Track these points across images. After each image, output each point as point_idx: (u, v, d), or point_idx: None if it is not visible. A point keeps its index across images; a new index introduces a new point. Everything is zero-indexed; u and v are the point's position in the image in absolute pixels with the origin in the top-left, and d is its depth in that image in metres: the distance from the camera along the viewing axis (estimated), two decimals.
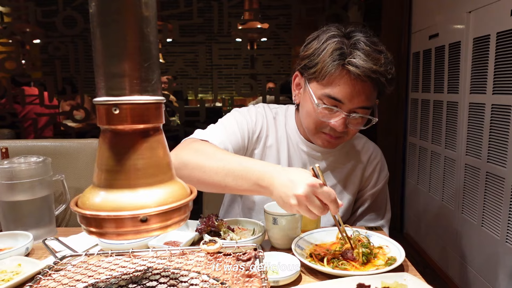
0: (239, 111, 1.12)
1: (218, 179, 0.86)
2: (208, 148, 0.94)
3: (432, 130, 2.43)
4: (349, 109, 0.95)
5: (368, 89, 0.94)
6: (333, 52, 0.93)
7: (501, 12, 1.68)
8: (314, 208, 0.77)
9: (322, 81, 0.95)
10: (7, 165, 0.97)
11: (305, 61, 0.99)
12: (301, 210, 0.77)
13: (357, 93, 0.93)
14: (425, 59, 2.53)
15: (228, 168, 0.85)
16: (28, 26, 2.92)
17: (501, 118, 1.68)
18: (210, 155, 0.90)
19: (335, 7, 2.88)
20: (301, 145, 1.11)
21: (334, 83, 0.94)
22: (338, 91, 0.94)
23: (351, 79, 0.92)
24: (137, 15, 0.48)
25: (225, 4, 2.83)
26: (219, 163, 0.87)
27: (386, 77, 0.93)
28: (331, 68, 0.92)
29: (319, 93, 0.96)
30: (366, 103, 0.96)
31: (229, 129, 1.05)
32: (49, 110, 2.99)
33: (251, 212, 1.15)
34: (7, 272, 0.77)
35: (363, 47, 0.92)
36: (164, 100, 0.52)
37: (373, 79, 0.92)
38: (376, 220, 1.16)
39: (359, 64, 0.90)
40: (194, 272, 0.67)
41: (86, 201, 0.50)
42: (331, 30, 0.97)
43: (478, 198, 1.87)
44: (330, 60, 0.93)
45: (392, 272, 0.76)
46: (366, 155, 1.15)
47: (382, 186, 1.16)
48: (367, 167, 1.15)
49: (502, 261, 1.69)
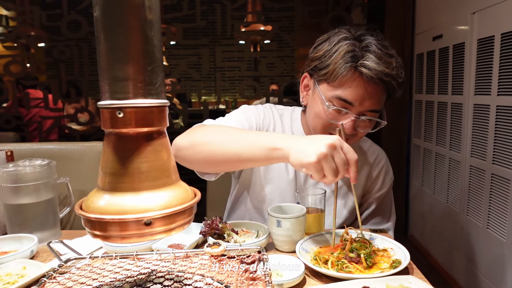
0: (247, 107, 1.13)
1: (231, 150, 0.85)
2: (220, 127, 0.96)
3: (436, 131, 2.42)
4: (359, 111, 0.95)
5: (379, 92, 0.94)
6: (345, 54, 0.93)
7: (505, 13, 1.68)
8: (329, 171, 0.74)
9: (333, 83, 0.95)
10: (12, 168, 0.98)
11: (315, 63, 0.98)
12: (316, 173, 0.74)
13: (368, 95, 0.93)
14: (429, 61, 2.52)
15: (242, 138, 0.85)
16: (33, 30, 2.94)
17: (506, 119, 1.67)
18: (223, 129, 0.92)
19: (338, 9, 2.88)
20: None
21: (346, 85, 0.94)
22: (350, 93, 0.93)
23: (363, 82, 0.92)
24: (141, 19, 0.48)
25: (228, 7, 2.83)
26: (232, 135, 0.87)
27: (397, 81, 0.93)
28: (343, 70, 0.92)
29: (329, 94, 0.96)
30: (376, 106, 0.96)
31: (239, 120, 1.07)
32: (54, 113, 3.01)
33: (258, 212, 1.14)
34: (12, 275, 0.77)
35: (375, 50, 0.92)
36: (168, 104, 0.52)
37: (385, 82, 0.92)
38: (382, 223, 1.16)
39: (372, 66, 0.90)
40: (198, 275, 0.67)
41: (90, 204, 0.50)
42: (343, 32, 0.97)
43: (483, 200, 1.86)
44: (343, 62, 0.92)
45: (397, 275, 0.76)
46: (372, 157, 1.16)
47: (388, 189, 1.16)
48: (373, 169, 1.15)
49: (508, 263, 1.67)
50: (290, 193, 1.11)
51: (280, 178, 1.10)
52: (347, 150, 0.76)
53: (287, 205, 0.98)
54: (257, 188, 1.13)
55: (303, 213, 0.92)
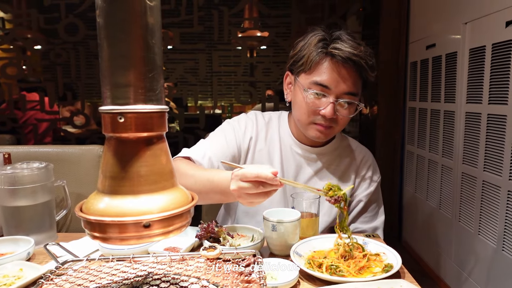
0: (228, 122, 1.18)
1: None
2: (183, 167, 1.00)
3: (429, 138, 2.45)
4: (336, 94, 1.01)
5: (353, 75, 1.01)
6: (317, 43, 1.02)
7: (496, 24, 1.71)
8: (252, 197, 0.82)
9: (309, 71, 1.03)
10: (10, 171, 0.99)
11: (293, 58, 1.07)
12: (244, 202, 0.84)
13: (342, 78, 1.00)
14: (422, 69, 2.56)
15: (198, 183, 0.93)
16: (30, 32, 2.94)
17: (497, 127, 1.70)
18: (184, 174, 0.97)
19: (334, 16, 2.92)
20: (295, 147, 1.15)
21: (321, 70, 1.01)
22: (325, 77, 1.01)
23: (336, 65, 1.00)
24: (143, 27, 0.49)
25: (226, 13, 2.86)
26: (190, 179, 0.94)
27: (367, 62, 1.00)
28: (317, 56, 1.01)
29: (307, 82, 1.03)
30: (352, 89, 1.02)
31: (216, 143, 1.12)
32: (50, 116, 3.00)
33: (247, 217, 1.16)
34: (9, 277, 0.78)
35: (344, 38, 1.01)
36: (167, 109, 0.53)
37: (355, 63, 0.99)
38: (371, 222, 1.17)
39: (341, 48, 0.99)
40: (194, 278, 0.68)
41: (90, 207, 0.51)
42: (315, 29, 1.07)
43: (474, 206, 1.89)
44: (315, 49, 1.02)
45: (389, 279, 0.77)
46: (359, 156, 1.19)
47: (375, 188, 1.19)
48: (360, 168, 1.18)
49: (499, 269, 1.70)
50: (278, 197, 1.13)
51: None
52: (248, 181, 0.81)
53: (282, 210, 0.99)
54: None
55: (298, 218, 0.94)
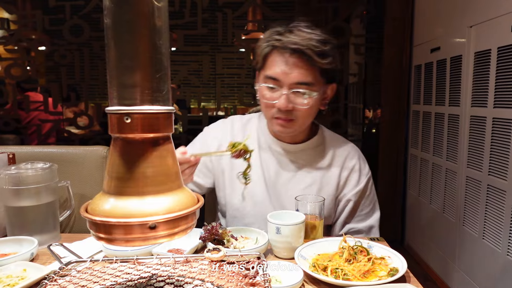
0: (205, 133, 1.25)
1: None
2: None
3: (433, 142, 2.44)
4: (288, 85, 1.01)
5: (302, 64, 1.00)
6: (267, 38, 1.04)
7: (501, 28, 1.71)
8: None
9: (263, 68, 1.06)
10: (14, 171, 0.99)
11: (255, 59, 1.11)
12: None
13: (290, 68, 1.00)
14: (426, 72, 2.55)
15: None
16: (34, 33, 2.96)
17: (502, 131, 1.69)
18: None
19: (337, 19, 2.91)
20: (274, 145, 1.15)
21: (270, 64, 1.04)
22: (273, 70, 1.02)
23: (282, 56, 1.01)
24: (150, 28, 0.49)
25: (229, 15, 2.86)
26: None
27: (314, 49, 0.98)
28: (266, 50, 1.04)
29: (261, 78, 1.07)
30: (303, 78, 1.01)
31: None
32: (53, 117, 3.01)
33: (235, 220, 1.17)
34: (13, 277, 0.77)
35: (294, 30, 1.02)
36: (174, 110, 0.53)
37: (302, 52, 0.98)
38: (365, 220, 1.15)
39: (282, 39, 1.00)
40: (198, 280, 0.67)
41: (96, 208, 0.51)
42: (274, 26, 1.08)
43: (479, 210, 1.87)
44: (264, 44, 1.05)
45: (395, 283, 0.77)
46: (344, 152, 1.16)
47: (365, 184, 1.15)
48: (344, 168, 1.14)
49: (503, 274, 1.68)
50: (261, 197, 1.13)
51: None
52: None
53: (286, 212, 0.99)
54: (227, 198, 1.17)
55: (302, 220, 0.93)
